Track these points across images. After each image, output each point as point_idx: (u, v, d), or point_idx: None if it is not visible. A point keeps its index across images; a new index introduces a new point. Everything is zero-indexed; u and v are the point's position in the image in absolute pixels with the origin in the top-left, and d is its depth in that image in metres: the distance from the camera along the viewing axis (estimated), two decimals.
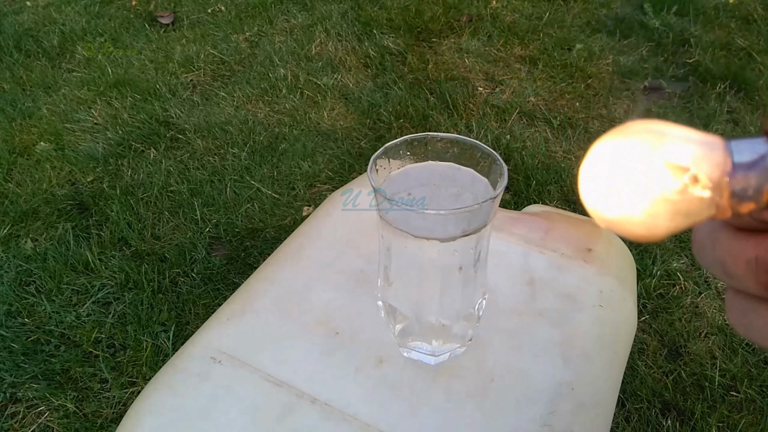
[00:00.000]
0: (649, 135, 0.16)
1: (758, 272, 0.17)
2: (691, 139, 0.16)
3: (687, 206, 0.16)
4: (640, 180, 0.16)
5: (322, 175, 1.48)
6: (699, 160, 0.15)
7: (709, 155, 0.15)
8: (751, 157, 0.16)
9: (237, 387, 0.48)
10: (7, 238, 1.34)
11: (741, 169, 0.15)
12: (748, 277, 0.17)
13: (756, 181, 0.15)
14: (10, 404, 1.04)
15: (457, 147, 0.43)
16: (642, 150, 0.16)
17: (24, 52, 2.01)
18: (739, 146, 0.16)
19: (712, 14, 2.07)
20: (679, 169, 0.15)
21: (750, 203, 0.16)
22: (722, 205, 0.16)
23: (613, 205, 0.16)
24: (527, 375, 0.49)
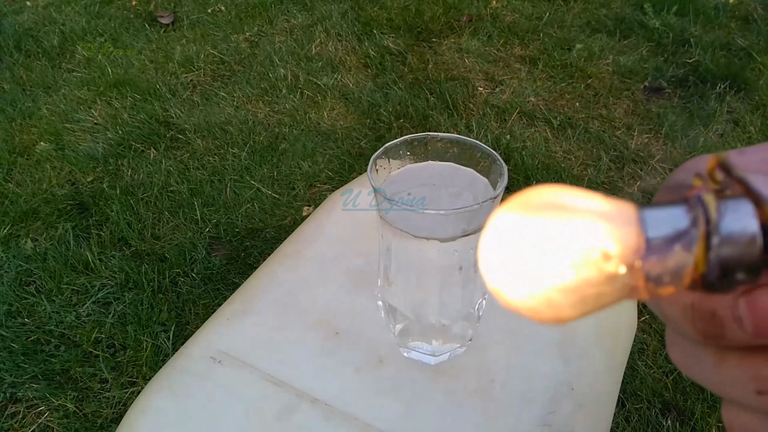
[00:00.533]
0: (552, 211, 0.14)
1: (695, 320, 0.15)
2: (600, 214, 0.14)
3: (597, 290, 0.14)
4: (542, 262, 0.14)
5: (322, 175, 1.48)
6: (608, 240, 0.13)
7: (620, 233, 0.13)
8: (668, 233, 0.13)
9: (237, 387, 0.48)
10: (7, 238, 1.34)
11: (656, 251, 0.13)
12: (684, 322, 0.16)
13: (674, 265, 0.13)
14: (10, 404, 1.04)
15: (457, 147, 0.43)
16: (545, 229, 0.14)
17: (24, 52, 2.01)
18: (655, 220, 0.14)
19: (712, 14, 2.07)
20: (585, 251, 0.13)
21: (668, 287, 0.14)
22: (637, 288, 0.14)
23: (516, 288, 0.14)
24: (527, 375, 0.49)
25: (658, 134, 1.60)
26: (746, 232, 0.13)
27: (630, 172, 1.49)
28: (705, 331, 0.15)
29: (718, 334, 0.15)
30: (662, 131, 1.60)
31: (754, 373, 0.15)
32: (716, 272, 0.13)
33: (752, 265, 0.13)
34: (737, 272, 0.13)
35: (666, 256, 0.13)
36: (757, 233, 0.13)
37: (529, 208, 0.14)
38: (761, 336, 0.14)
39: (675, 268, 0.13)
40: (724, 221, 0.13)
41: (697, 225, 0.13)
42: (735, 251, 0.13)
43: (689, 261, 0.13)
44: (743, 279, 0.14)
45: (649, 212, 0.14)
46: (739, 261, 0.13)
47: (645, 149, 1.55)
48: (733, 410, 0.17)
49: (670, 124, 1.61)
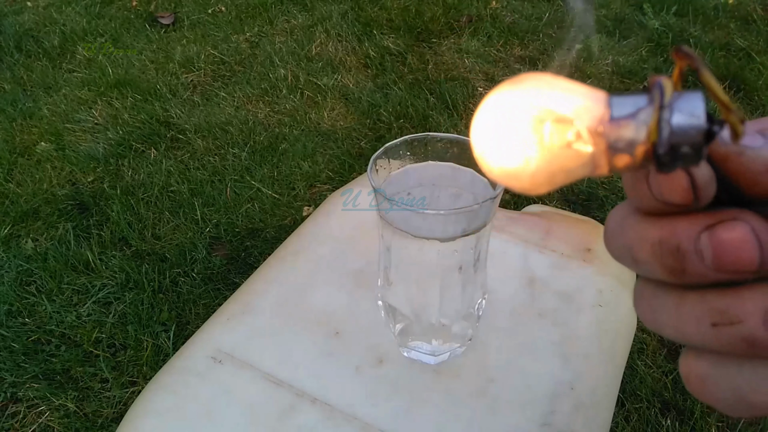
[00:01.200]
0: (535, 85, 0.16)
1: (663, 255, 0.17)
2: (576, 92, 0.16)
3: (567, 157, 0.16)
4: (522, 130, 0.16)
5: (322, 175, 1.48)
6: (580, 112, 0.16)
7: (590, 107, 0.16)
8: (629, 110, 0.16)
9: (237, 387, 0.48)
10: (8, 238, 1.34)
11: (616, 120, 0.16)
12: (653, 261, 0.17)
13: (629, 133, 0.15)
14: (11, 404, 1.04)
15: (457, 147, 0.44)
16: (526, 100, 0.16)
17: (25, 53, 2.01)
18: (620, 101, 0.16)
19: (711, 15, 2.07)
20: (560, 120, 0.16)
21: (624, 156, 0.16)
22: (599, 157, 0.16)
23: (498, 155, 0.16)
24: (527, 375, 0.49)
25: None
26: (695, 111, 0.15)
27: None
28: (670, 266, 0.17)
29: (681, 269, 0.16)
30: None
31: (710, 306, 0.16)
32: (665, 144, 0.15)
33: (696, 143, 0.15)
34: (683, 146, 0.15)
35: (623, 124, 0.16)
36: (701, 114, 0.15)
37: (515, 84, 0.16)
38: (720, 269, 0.16)
39: (631, 136, 0.15)
40: (676, 101, 0.15)
41: (653, 103, 0.16)
42: (682, 122, 0.15)
43: (643, 130, 0.15)
44: (688, 154, 0.15)
45: (617, 97, 0.16)
46: (684, 134, 0.15)
47: None
48: (689, 358, 0.18)
49: None
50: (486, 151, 0.16)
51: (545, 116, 0.16)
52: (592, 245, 0.60)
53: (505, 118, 0.16)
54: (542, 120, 0.16)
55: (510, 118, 0.16)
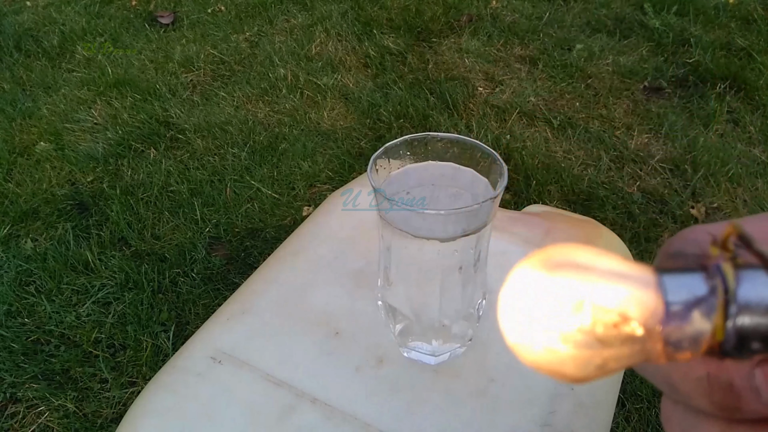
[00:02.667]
0: (573, 271, 0.14)
1: (712, 392, 0.15)
2: (620, 276, 0.14)
3: (616, 352, 0.14)
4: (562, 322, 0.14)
5: (322, 175, 1.48)
6: (628, 303, 0.14)
7: (640, 297, 0.14)
8: (688, 300, 0.14)
9: (237, 387, 0.48)
10: (7, 238, 1.34)
11: (676, 317, 0.14)
12: (698, 394, 0.15)
13: (693, 331, 0.14)
14: (10, 404, 1.04)
15: (457, 147, 0.43)
16: (565, 289, 0.14)
17: (24, 52, 2.01)
18: (674, 285, 0.14)
19: (712, 14, 2.07)
20: (605, 311, 0.14)
21: (686, 352, 0.14)
22: (656, 352, 0.14)
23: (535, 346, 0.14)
24: (527, 375, 0.49)
25: (658, 134, 1.60)
26: (764, 302, 0.13)
27: (630, 172, 1.49)
28: (721, 403, 0.15)
29: (735, 406, 0.15)
30: (662, 131, 1.60)
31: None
32: (733, 341, 0.14)
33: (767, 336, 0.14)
34: (753, 341, 0.14)
35: (685, 322, 0.14)
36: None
37: (550, 265, 0.14)
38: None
39: (694, 335, 0.14)
40: (741, 290, 0.13)
41: (716, 293, 0.14)
42: (752, 320, 0.13)
43: (708, 328, 0.14)
44: (759, 348, 0.14)
45: (669, 277, 0.14)
46: (755, 330, 0.14)
47: (645, 149, 1.55)
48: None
49: (670, 124, 1.61)
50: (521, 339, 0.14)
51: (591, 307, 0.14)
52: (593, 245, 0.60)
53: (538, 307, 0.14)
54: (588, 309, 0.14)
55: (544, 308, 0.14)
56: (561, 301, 0.14)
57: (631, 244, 1.28)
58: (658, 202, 1.41)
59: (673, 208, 1.38)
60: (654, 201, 1.41)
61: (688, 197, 1.41)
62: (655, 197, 1.42)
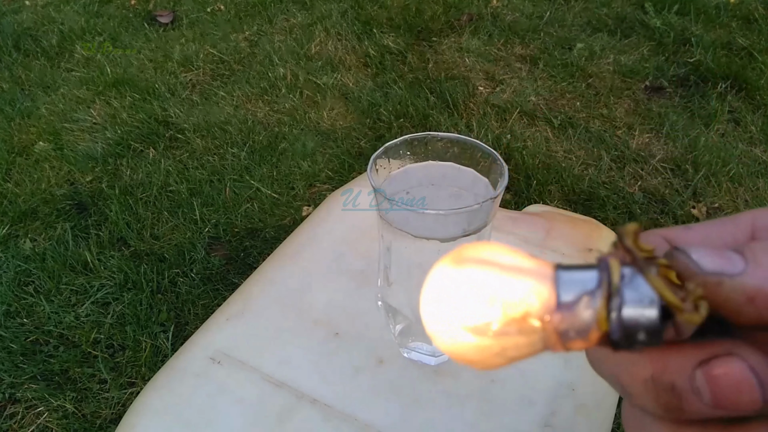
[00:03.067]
0: (478, 265, 0.15)
1: (657, 392, 0.15)
2: (520, 270, 0.15)
3: (517, 341, 0.15)
4: (468, 313, 0.15)
5: (322, 175, 1.48)
6: (524, 295, 0.15)
7: (535, 289, 0.15)
8: (576, 293, 0.15)
9: (237, 387, 0.48)
10: (6, 238, 1.34)
11: (564, 308, 0.15)
12: (645, 396, 0.16)
13: (578, 323, 0.14)
14: (9, 405, 1.03)
15: (458, 147, 0.43)
16: (471, 282, 0.15)
17: (23, 52, 2.01)
18: (567, 279, 0.15)
19: (713, 14, 2.06)
20: (506, 304, 0.15)
21: (578, 341, 0.15)
22: (552, 342, 0.15)
23: (447, 335, 0.16)
24: (527, 375, 0.48)
25: (659, 134, 1.60)
26: (644, 297, 0.14)
27: (631, 171, 1.48)
28: (666, 404, 0.15)
29: (679, 407, 0.15)
30: (663, 131, 1.60)
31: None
32: (618, 332, 0.14)
33: (652, 329, 0.14)
34: (639, 333, 0.14)
35: (573, 313, 0.15)
36: (655, 299, 0.14)
37: (458, 261, 0.16)
38: (720, 407, 0.15)
39: (581, 325, 0.15)
40: (625, 284, 0.14)
41: (602, 287, 0.14)
42: (634, 313, 0.14)
43: (593, 319, 0.14)
44: (646, 340, 0.14)
45: (564, 272, 0.15)
46: (637, 324, 0.14)
47: (646, 149, 1.55)
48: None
49: (671, 123, 1.61)
50: (435, 330, 0.16)
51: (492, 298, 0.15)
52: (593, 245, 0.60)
53: (450, 300, 0.16)
54: (489, 302, 0.15)
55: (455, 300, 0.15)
56: (466, 293, 0.15)
57: None
58: (659, 202, 1.40)
59: (674, 208, 1.38)
60: (655, 201, 1.41)
61: (690, 197, 1.41)
62: (656, 197, 1.41)
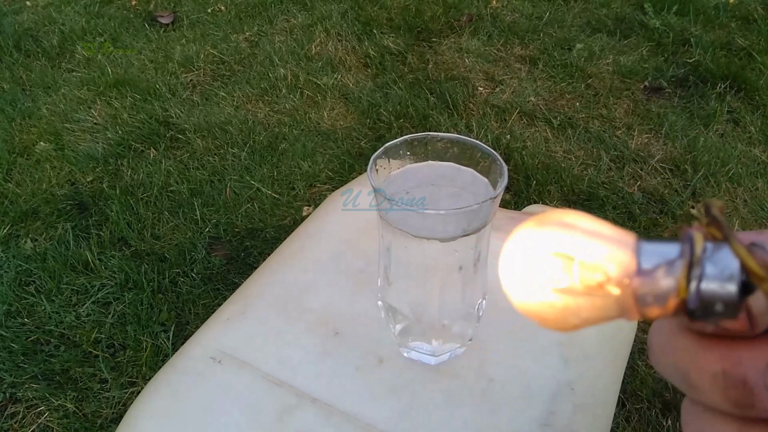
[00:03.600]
0: (561, 228, 0.16)
1: (726, 388, 0.15)
2: (602, 236, 0.16)
3: (594, 304, 0.16)
4: (548, 273, 0.16)
5: (322, 175, 1.48)
6: (606, 259, 0.15)
7: (617, 255, 0.15)
8: (657, 261, 0.15)
9: (237, 387, 0.48)
10: (7, 238, 1.34)
11: (645, 274, 0.15)
12: (713, 391, 0.15)
13: (658, 288, 0.15)
14: (10, 404, 1.04)
15: (457, 147, 0.43)
16: (552, 243, 0.16)
17: (24, 52, 2.01)
18: (649, 249, 0.15)
19: (712, 14, 2.06)
20: (586, 266, 0.15)
21: (654, 308, 0.15)
22: (628, 306, 0.15)
23: (525, 293, 0.16)
24: (527, 375, 0.49)
25: (658, 134, 1.60)
26: (725, 269, 0.15)
27: (630, 171, 1.48)
28: (735, 399, 0.15)
29: (749, 404, 0.15)
30: (662, 131, 1.60)
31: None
32: (696, 301, 0.15)
33: (730, 302, 0.15)
34: (716, 304, 0.15)
35: (653, 279, 0.15)
36: (735, 273, 0.15)
37: (544, 224, 0.16)
38: None
39: (659, 292, 0.15)
40: (707, 257, 0.15)
41: (684, 257, 0.15)
42: (713, 285, 0.15)
43: (672, 287, 0.15)
44: (722, 312, 0.15)
45: (646, 243, 0.16)
46: (716, 295, 0.15)
47: (645, 149, 1.55)
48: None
49: (670, 124, 1.61)
50: (512, 287, 0.17)
51: (572, 261, 0.16)
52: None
53: (531, 257, 0.16)
54: (569, 264, 0.16)
55: (536, 258, 0.16)
56: (546, 255, 0.16)
57: None
58: (659, 202, 1.40)
59: (674, 208, 1.38)
60: (654, 201, 1.41)
61: (689, 197, 1.41)
62: (656, 197, 1.42)
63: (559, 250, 0.16)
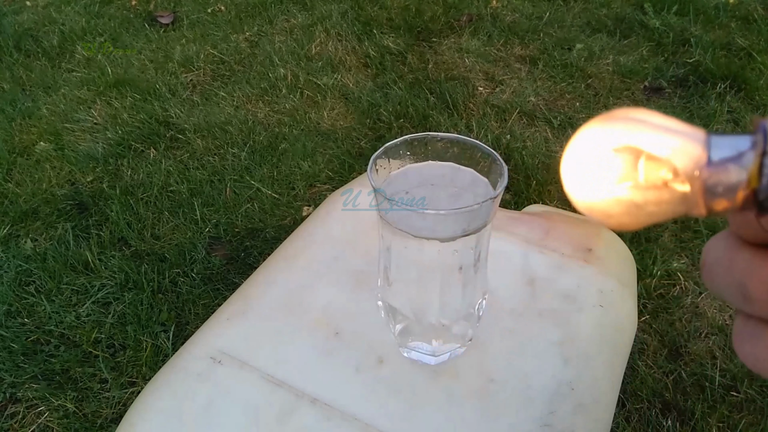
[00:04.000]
0: (628, 123, 0.16)
1: None
2: (671, 130, 0.15)
3: (661, 197, 0.15)
4: (615, 168, 0.16)
5: (322, 175, 1.48)
6: (675, 152, 0.15)
7: (686, 147, 0.15)
8: (729, 153, 0.15)
9: (237, 387, 0.48)
10: (7, 238, 1.34)
11: (715, 164, 0.15)
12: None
13: (728, 178, 0.15)
14: (10, 404, 1.04)
15: (457, 147, 0.43)
16: (619, 138, 0.16)
17: (24, 52, 2.01)
18: (720, 142, 0.15)
19: (712, 14, 2.06)
20: (654, 159, 0.15)
21: (723, 201, 0.15)
22: (696, 200, 0.15)
23: (590, 190, 0.16)
24: (527, 375, 0.49)
25: None
26: None
27: None
28: None
29: None
30: None
31: None
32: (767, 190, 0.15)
33: None
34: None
35: (722, 168, 0.15)
36: None
37: (608, 119, 0.16)
38: None
39: (729, 182, 0.15)
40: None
41: (755, 147, 0.15)
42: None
43: (743, 176, 0.15)
44: None
45: (717, 136, 0.15)
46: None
47: None
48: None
49: None
50: (576, 186, 0.16)
51: (639, 154, 0.15)
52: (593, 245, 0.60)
53: (597, 153, 0.16)
54: (636, 157, 0.15)
55: (602, 154, 0.16)
56: (613, 149, 0.16)
57: (632, 244, 1.28)
58: None
59: None
60: None
61: None
62: None
63: (626, 143, 0.15)
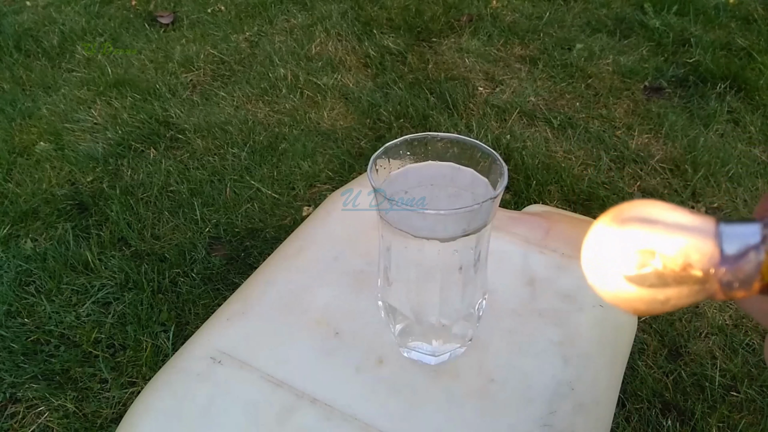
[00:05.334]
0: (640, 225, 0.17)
1: None
2: (682, 228, 0.16)
3: (681, 292, 0.16)
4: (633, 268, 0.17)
5: (322, 175, 1.48)
6: (689, 251, 0.16)
7: (699, 246, 0.16)
8: (740, 248, 0.16)
9: (237, 387, 0.48)
10: (7, 238, 1.34)
11: (728, 261, 0.16)
12: None
13: (743, 273, 0.16)
14: (10, 404, 1.04)
15: (457, 147, 0.43)
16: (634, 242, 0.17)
17: (24, 52, 2.01)
18: (730, 233, 0.16)
19: (712, 14, 2.06)
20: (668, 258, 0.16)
21: (740, 291, 0.16)
22: (715, 291, 0.16)
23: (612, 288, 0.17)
24: (527, 375, 0.49)
25: (658, 134, 1.60)
26: None
27: (630, 172, 1.48)
28: None
29: None
30: (662, 131, 1.60)
31: None
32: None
33: None
34: None
35: (737, 266, 0.16)
36: None
37: (620, 221, 0.17)
38: None
39: (744, 277, 0.16)
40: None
41: (765, 242, 0.16)
42: None
43: (756, 271, 0.16)
44: None
45: (726, 227, 0.16)
46: None
47: (645, 149, 1.55)
48: None
49: (670, 124, 1.61)
50: (597, 281, 0.17)
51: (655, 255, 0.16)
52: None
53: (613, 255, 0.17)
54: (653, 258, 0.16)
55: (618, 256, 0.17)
56: (630, 250, 0.17)
57: None
58: None
59: None
60: None
61: (689, 197, 1.41)
62: (656, 197, 1.41)
63: (641, 247, 0.16)
